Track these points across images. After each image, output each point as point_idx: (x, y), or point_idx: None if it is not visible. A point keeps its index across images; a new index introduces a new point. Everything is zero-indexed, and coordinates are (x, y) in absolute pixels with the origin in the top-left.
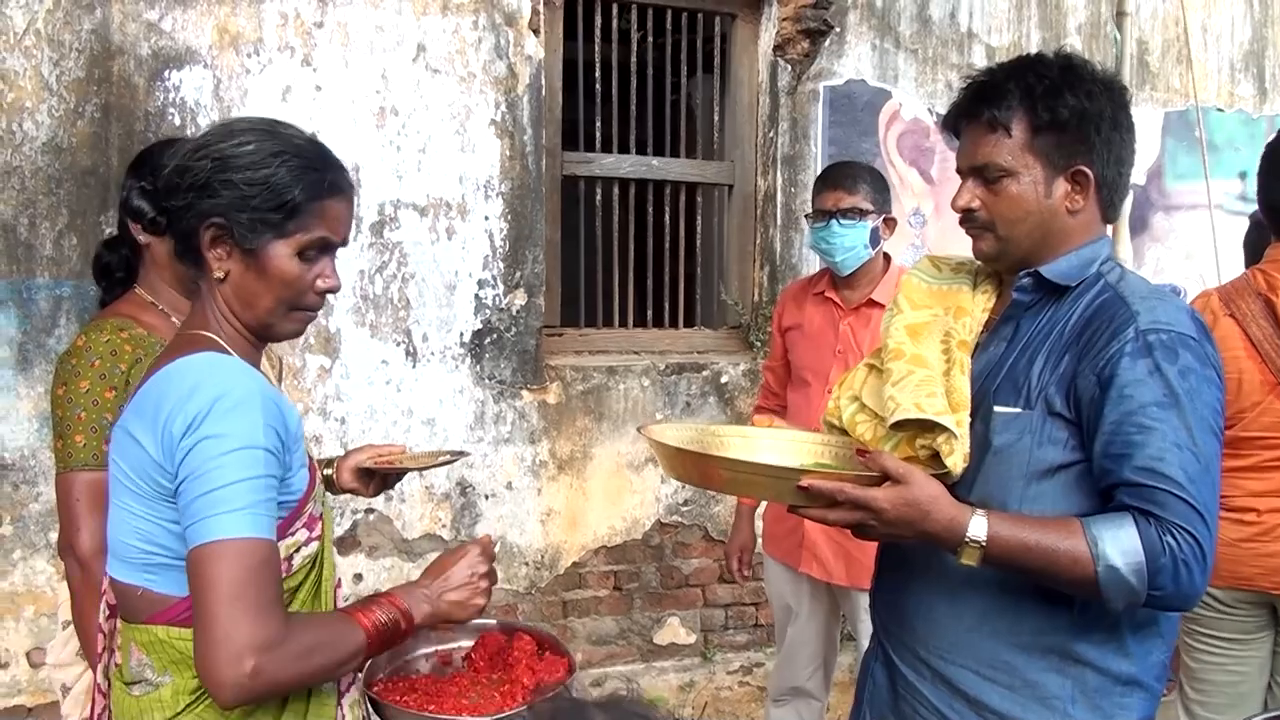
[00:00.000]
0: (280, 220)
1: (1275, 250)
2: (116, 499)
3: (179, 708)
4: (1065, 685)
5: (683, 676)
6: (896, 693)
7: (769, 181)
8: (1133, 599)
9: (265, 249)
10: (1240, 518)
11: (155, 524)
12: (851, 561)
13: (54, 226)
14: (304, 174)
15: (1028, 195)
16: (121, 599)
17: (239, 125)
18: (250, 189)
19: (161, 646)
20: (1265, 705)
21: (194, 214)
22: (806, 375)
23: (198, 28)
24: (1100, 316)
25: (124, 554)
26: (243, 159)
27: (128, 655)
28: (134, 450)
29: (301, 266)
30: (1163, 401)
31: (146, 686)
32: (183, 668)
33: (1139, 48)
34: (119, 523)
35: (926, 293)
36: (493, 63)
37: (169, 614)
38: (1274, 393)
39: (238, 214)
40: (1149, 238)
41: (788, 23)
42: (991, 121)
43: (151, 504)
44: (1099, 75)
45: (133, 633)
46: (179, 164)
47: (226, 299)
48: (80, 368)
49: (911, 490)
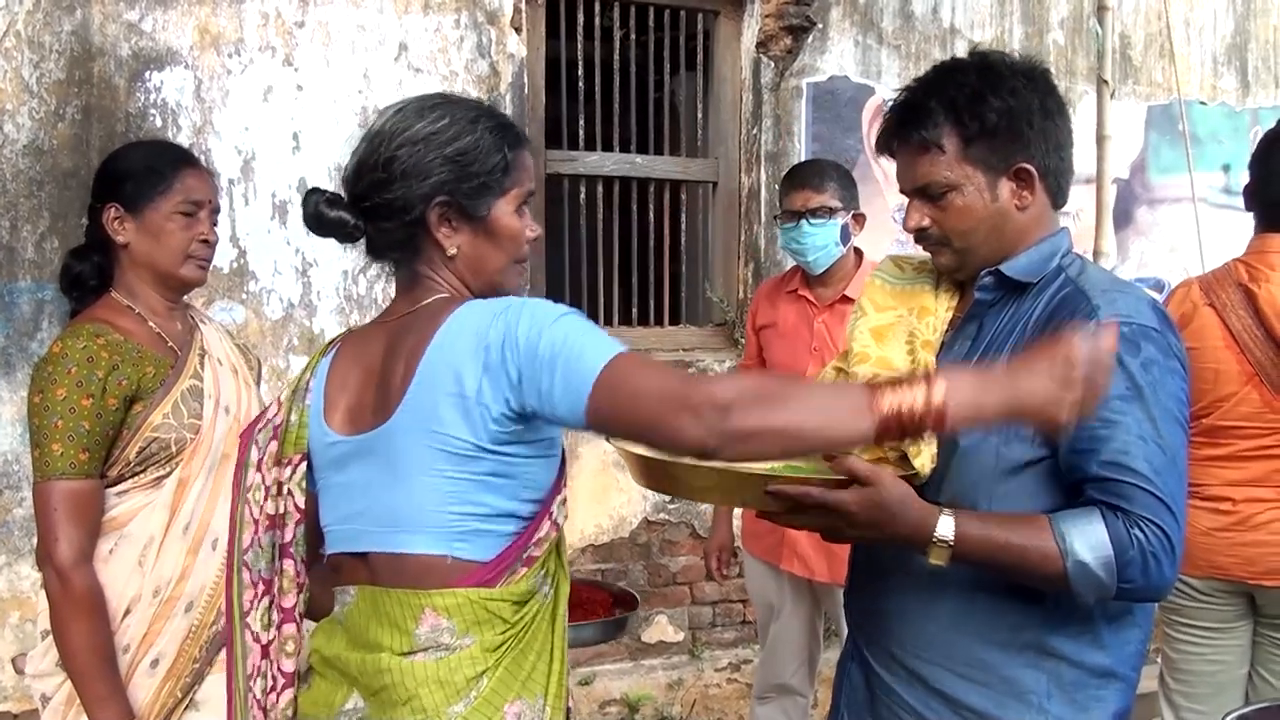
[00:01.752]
0: (499, 179)
1: (1258, 241)
2: (410, 471)
3: (489, 663)
4: (1041, 680)
5: (671, 675)
6: (873, 693)
7: (753, 178)
8: (1103, 593)
9: (492, 211)
10: (1216, 507)
11: (472, 480)
12: (833, 557)
13: (35, 229)
14: (502, 130)
15: (974, 204)
16: (400, 571)
17: (414, 106)
18: (465, 158)
19: (470, 608)
20: (1246, 695)
21: (414, 200)
22: (783, 374)
23: (178, 28)
24: (1062, 311)
25: (421, 524)
26: (445, 133)
27: (406, 625)
28: (447, 404)
29: (520, 219)
30: (1125, 395)
31: (441, 651)
32: (485, 627)
33: (1121, 42)
34: (408, 496)
35: (890, 293)
36: (475, 61)
37: (476, 576)
38: (1251, 383)
39: (461, 185)
40: (1133, 231)
41: (770, 19)
42: (922, 142)
43: (474, 459)
44: (1019, 68)
45: (428, 599)
46: (379, 158)
47: (458, 274)
48: (57, 375)
49: (879, 492)
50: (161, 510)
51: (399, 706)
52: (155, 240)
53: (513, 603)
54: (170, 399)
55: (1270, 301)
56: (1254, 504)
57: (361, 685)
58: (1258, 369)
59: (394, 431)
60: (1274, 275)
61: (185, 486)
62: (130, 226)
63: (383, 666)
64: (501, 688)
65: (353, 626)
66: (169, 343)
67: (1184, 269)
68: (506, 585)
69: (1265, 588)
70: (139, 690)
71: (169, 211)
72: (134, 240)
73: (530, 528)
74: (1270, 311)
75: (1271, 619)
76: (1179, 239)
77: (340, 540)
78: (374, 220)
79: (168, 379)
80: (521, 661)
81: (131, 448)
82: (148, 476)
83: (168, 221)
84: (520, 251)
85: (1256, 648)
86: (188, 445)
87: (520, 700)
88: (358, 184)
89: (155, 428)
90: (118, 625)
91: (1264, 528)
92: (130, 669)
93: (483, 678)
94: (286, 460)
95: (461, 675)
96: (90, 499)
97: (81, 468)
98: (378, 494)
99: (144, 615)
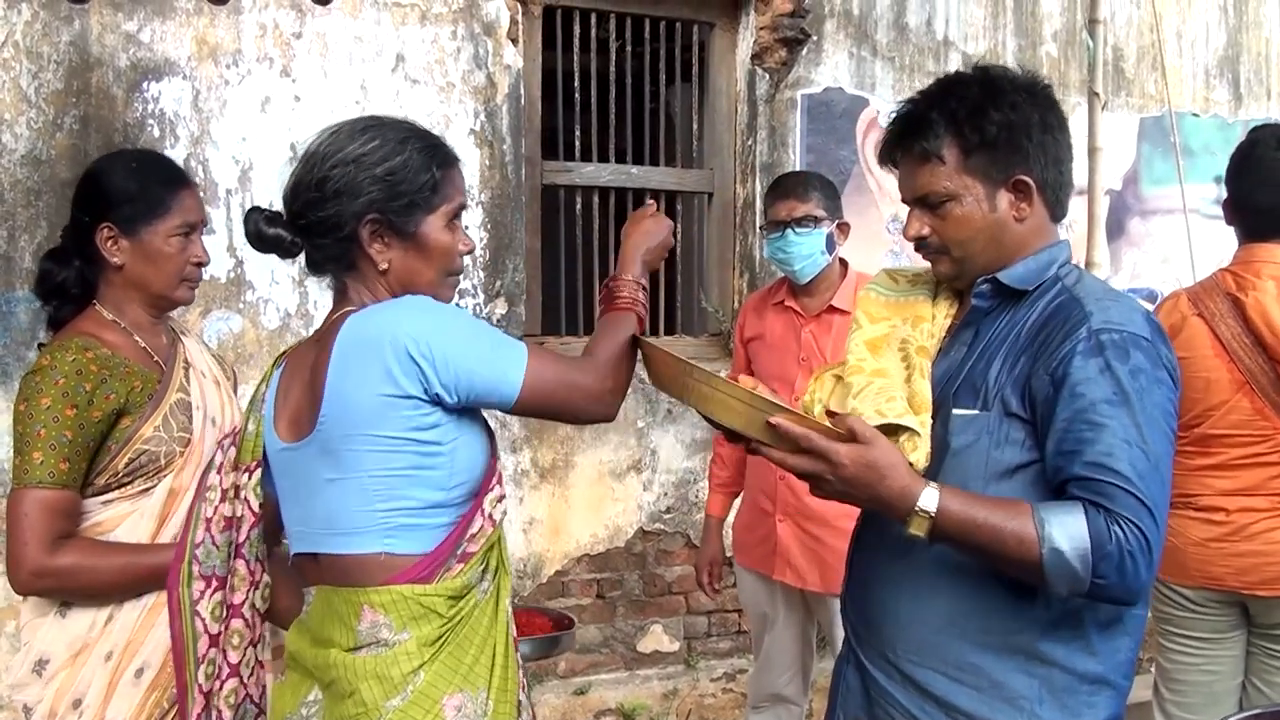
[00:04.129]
0: (428, 197)
1: (1243, 252)
2: (338, 474)
3: (425, 658)
4: (1032, 685)
5: (666, 684)
6: (869, 696)
7: (748, 189)
8: (1076, 586)
9: (421, 228)
10: (1210, 517)
11: (395, 476)
12: (825, 568)
13: (33, 239)
14: (431, 150)
15: (973, 214)
16: (344, 571)
17: (350, 128)
18: (394, 177)
19: (405, 604)
20: (1240, 705)
21: (346, 218)
22: (772, 384)
23: (176, 39)
24: (1056, 318)
25: (353, 525)
26: (375, 153)
27: (350, 622)
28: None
29: (450, 234)
30: (1113, 399)
31: (380, 648)
32: (422, 622)
33: (1114, 54)
34: (341, 498)
35: (884, 305)
36: (472, 72)
37: (411, 573)
38: (1242, 390)
39: (391, 203)
40: (1125, 242)
41: (765, 32)
42: (923, 153)
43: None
44: (1020, 83)
45: (365, 596)
46: (313, 178)
47: (390, 287)
48: (44, 385)
49: (873, 452)
50: (150, 519)
51: (345, 700)
52: (151, 263)
53: (448, 598)
54: (160, 413)
55: (1259, 309)
56: (1247, 514)
57: (318, 679)
58: (1248, 377)
59: (319, 438)
60: (1260, 284)
61: (176, 497)
62: (125, 247)
63: (331, 661)
64: (439, 681)
65: (312, 624)
66: (154, 357)
67: (1176, 280)
68: (442, 581)
69: (1259, 598)
70: (123, 700)
71: (166, 235)
72: (129, 262)
73: (463, 521)
74: (1259, 319)
75: (1265, 629)
76: (1171, 250)
77: (296, 541)
78: (310, 237)
79: (155, 393)
80: (460, 655)
81: (120, 459)
82: (134, 488)
83: (165, 245)
84: (451, 265)
85: (1250, 658)
86: (176, 458)
87: (461, 693)
88: (294, 202)
89: (146, 440)
90: (101, 630)
91: (1258, 538)
92: (114, 678)
93: (419, 672)
94: (243, 466)
95: (398, 670)
96: (65, 509)
97: (60, 477)
98: (316, 498)
99: (127, 622)
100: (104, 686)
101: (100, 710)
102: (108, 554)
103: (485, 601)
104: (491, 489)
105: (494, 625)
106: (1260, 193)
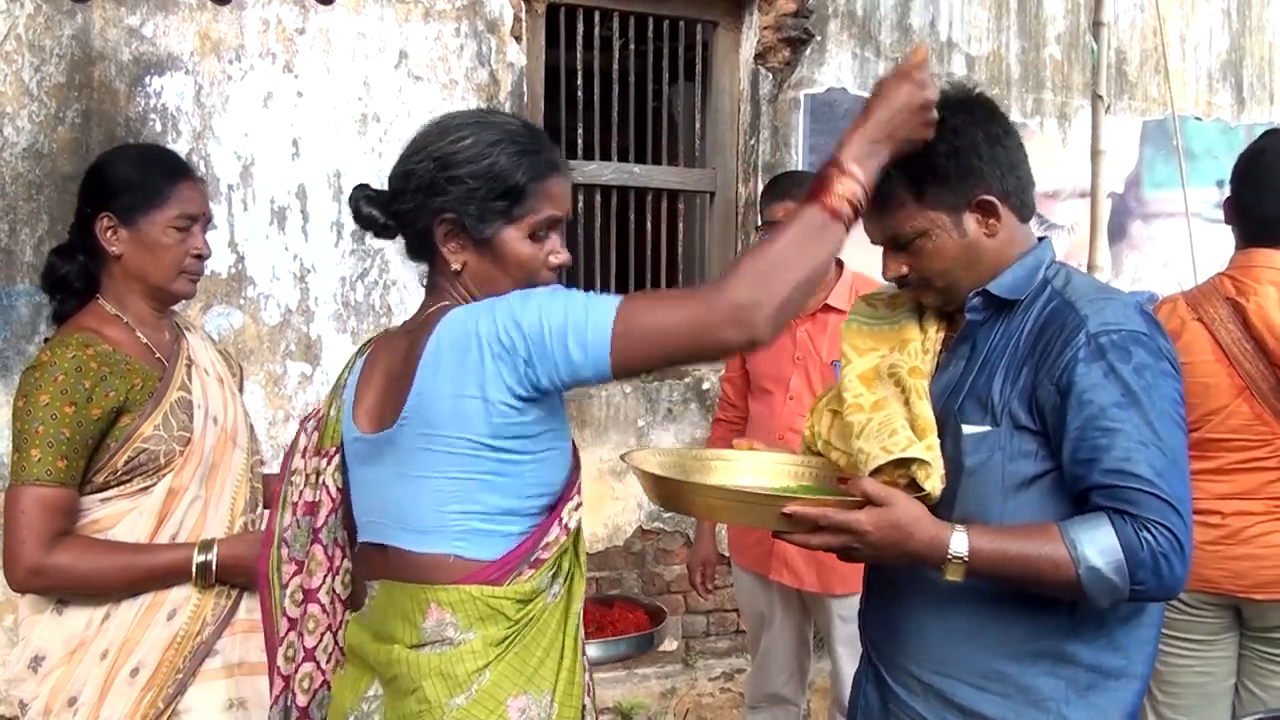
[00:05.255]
0: (507, 206)
1: (1241, 256)
2: (414, 472)
3: (490, 657)
4: (1059, 686)
5: (665, 683)
6: (888, 710)
7: (750, 189)
8: (1117, 595)
9: (498, 236)
10: (1205, 520)
11: (472, 480)
12: (822, 568)
13: (34, 233)
14: (522, 158)
15: (945, 245)
16: (412, 567)
17: (451, 121)
18: (475, 181)
19: (472, 604)
20: (1233, 707)
21: (425, 213)
22: (767, 384)
23: (179, 33)
24: (1052, 325)
25: (424, 525)
26: (462, 154)
27: (414, 619)
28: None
29: (534, 247)
30: (1121, 402)
31: (445, 645)
32: (489, 622)
33: (1117, 57)
34: (415, 496)
35: (868, 335)
36: (475, 69)
37: (481, 575)
38: (1242, 395)
39: (466, 207)
40: (1127, 245)
41: (769, 31)
42: (881, 198)
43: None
44: (955, 102)
45: (433, 594)
46: (402, 169)
47: (466, 288)
48: (43, 382)
49: (894, 512)
50: (149, 517)
51: (407, 696)
52: (149, 253)
53: (516, 600)
54: (160, 411)
55: (1259, 314)
56: (1243, 517)
57: (379, 674)
58: (1248, 382)
59: (400, 433)
60: (1260, 289)
61: (176, 496)
62: (124, 237)
63: (394, 657)
64: (504, 681)
65: (374, 618)
66: (156, 354)
67: (1178, 283)
68: (512, 584)
69: (1254, 601)
70: (118, 699)
71: (164, 225)
72: (127, 252)
73: (538, 530)
74: (1260, 324)
75: (1258, 632)
76: (1173, 253)
77: (365, 531)
78: (400, 224)
79: (156, 391)
80: (527, 657)
81: (119, 457)
82: (133, 486)
83: (163, 235)
84: (532, 277)
85: (1243, 660)
86: (176, 457)
87: (525, 695)
88: (389, 188)
89: (145, 439)
90: (97, 629)
91: (1253, 541)
92: (110, 677)
93: (485, 671)
94: (324, 452)
95: (463, 669)
96: (63, 507)
97: (58, 475)
98: (390, 491)
99: (124, 620)
100: (99, 685)
101: (95, 708)
102: (105, 553)
103: (555, 605)
104: (571, 499)
105: (563, 628)
106: (1267, 201)
